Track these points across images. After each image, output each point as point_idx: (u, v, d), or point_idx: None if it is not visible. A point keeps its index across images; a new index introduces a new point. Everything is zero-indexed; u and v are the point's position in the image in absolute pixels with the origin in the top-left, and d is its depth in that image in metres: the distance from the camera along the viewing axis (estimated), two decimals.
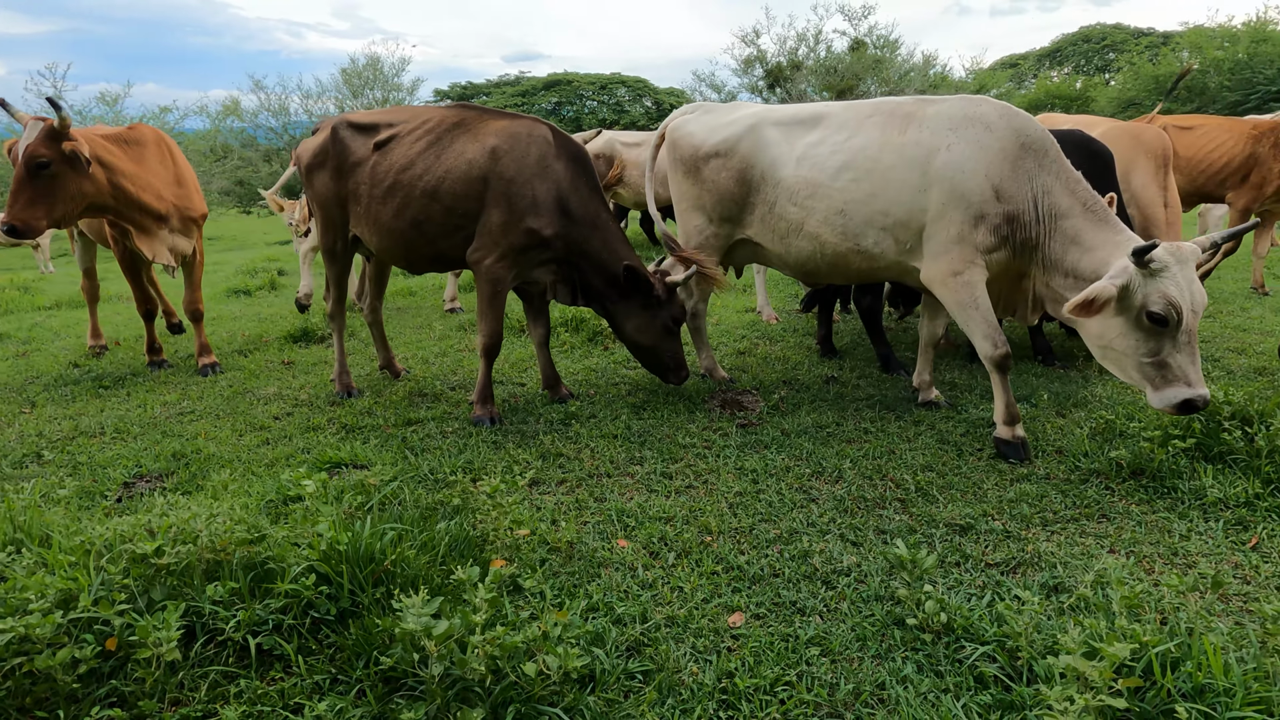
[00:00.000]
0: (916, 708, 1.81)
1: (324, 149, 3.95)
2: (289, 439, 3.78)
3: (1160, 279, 2.80)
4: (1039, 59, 57.19)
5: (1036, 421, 3.65)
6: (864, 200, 3.38)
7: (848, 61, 31.72)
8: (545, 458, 3.40)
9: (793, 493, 3.01)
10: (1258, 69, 30.33)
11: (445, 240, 3.80)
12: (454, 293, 6.80)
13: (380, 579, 2.25)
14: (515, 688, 1.79)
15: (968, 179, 3.14)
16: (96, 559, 2.26)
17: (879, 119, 3.40)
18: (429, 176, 3.70)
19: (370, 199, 3.82)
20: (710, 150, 3.83)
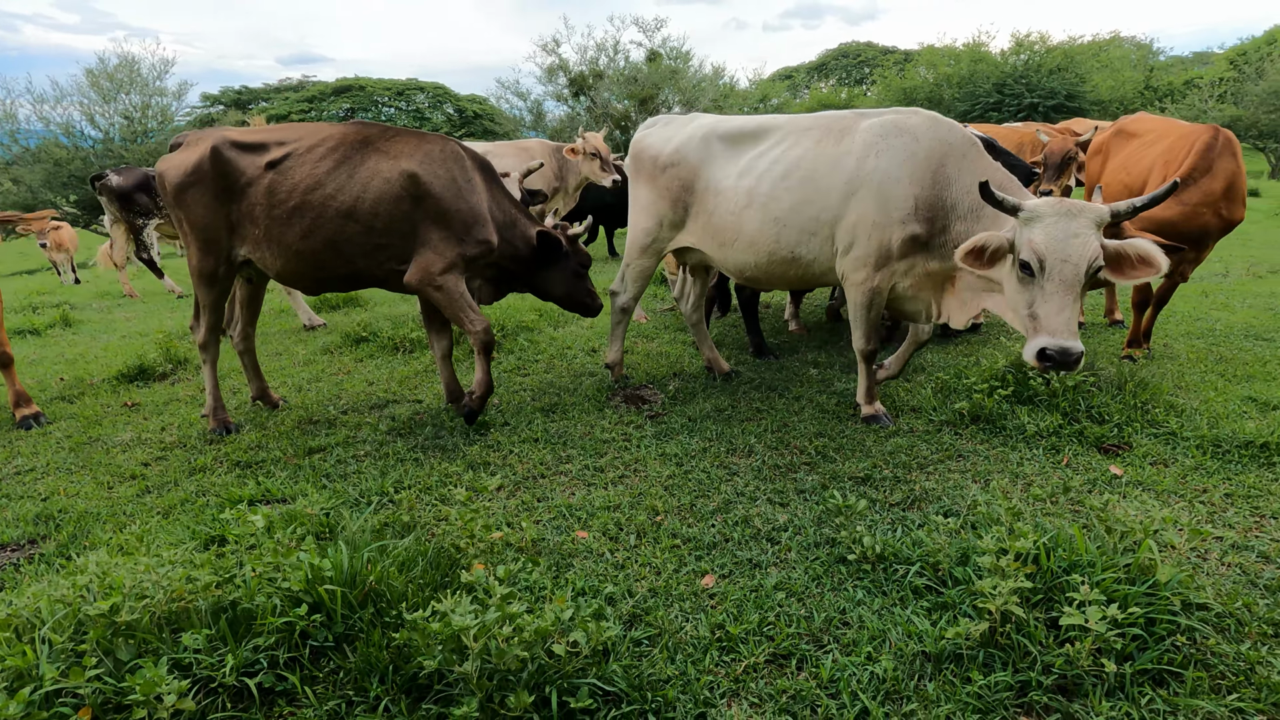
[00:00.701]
0: (875, 621, 2.21)
1: (200, 168, 3.64)
2: (174, 484, 3.46)
3: (1031, 227, 2.85)
4: (809, 71, 63.84)
5: (890, 387, 4.33)
6: (797, 208, 3.61)
7: (646, 72, 33.23)
8: (474, 468, 3.46)
9: (716, 469, 3.35)
10: (978, 83, 36.32)
11: (365, 259, 3.72)
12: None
13: (366, 599, 2.25)
14: (547, 669, 1.93)
15: (892, 186, 3.33)
16: (30, 631, 2.04)
17: (817, 132, 3.67)
18: (343, 196, 3.59)
19: (271, 220, 3.62)
20: (666, 160, 4.09)
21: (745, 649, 2.14)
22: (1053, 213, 2.81)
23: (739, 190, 3.80)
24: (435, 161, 3.70)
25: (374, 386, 4.80)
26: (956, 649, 2.03)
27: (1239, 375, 4.31)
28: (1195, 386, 4.13)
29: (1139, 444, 3.41)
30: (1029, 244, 2.82)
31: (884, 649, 2.10)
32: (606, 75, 33.43)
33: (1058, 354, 2.76)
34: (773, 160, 3.71)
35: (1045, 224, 2.80)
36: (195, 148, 3.74)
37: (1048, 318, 2.79)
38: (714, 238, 3.97)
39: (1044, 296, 2.80)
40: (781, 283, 3.96)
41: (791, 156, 3.66)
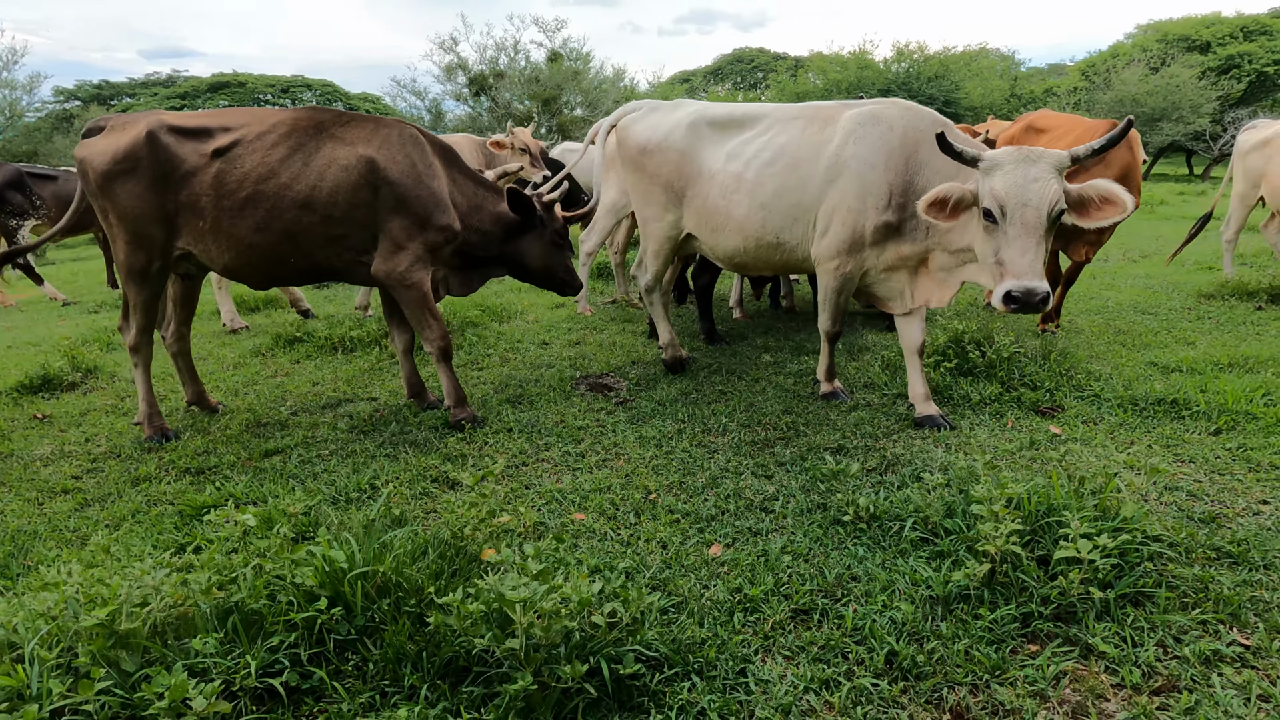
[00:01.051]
0: (882, 573, 2.35)
1: (133, 155, 3.35)
2: (117, 496, 3.19)
3: (991, 176, 2.90)
4: (706, 75, 65.37)
5: (842, 365, 4.55)
6: (781, 194, 3.66)
7: (548, 72, 33.01)
8: (451, 460, 3.38)
9: (696, 449, 3.43)
10: (865, 89, 38.46)
11: (323, 251, 3.55)
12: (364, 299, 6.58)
13: (383, 590, 2.18)
14: (590, 640, 1.94)
15: (868, 172, 3.41)
16: (7, 651, 1.85)
17: (802, 120, 3.73)
18: (299, 185, 3.40)
19: (220, 211, 3.38)
20: (655, 146, 4.05)
21: (767, 608, 2.22)
22: (1012, 160, 2.86)
23: (727, 175, 3.84)
24: (393, 146, 3.58)
25: (320, 387, 4.58)
26: (963, 590, 2.19)
27: (1137, 344, 4.82)
28: (1103, 355, 4.59)
29: (1070, 406, 3.76)
30: (990, 192, 2.88)
31: (895, 597, 2.24)
32: (508, 75, 32.96)
33: (1022, 294, 2.80)
34: (760, 147, 3.77)
35: (1004, 171, 2.85)
36: (124, 132, 3.45)
37: (1012, 261, 2.83)
38: (706, 223, 3.99)
39: (1007, 241, 2.85)
40: (768, 268, 4.02)
41: (777, 143, 3.72)
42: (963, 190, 2.98)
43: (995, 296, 2.88)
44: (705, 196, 3.95)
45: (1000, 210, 2.87)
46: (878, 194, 3.40)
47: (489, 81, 32.69)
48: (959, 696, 1.87)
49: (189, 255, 3.61)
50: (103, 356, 5.28)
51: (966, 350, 4.20)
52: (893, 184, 3.39)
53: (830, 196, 3.53)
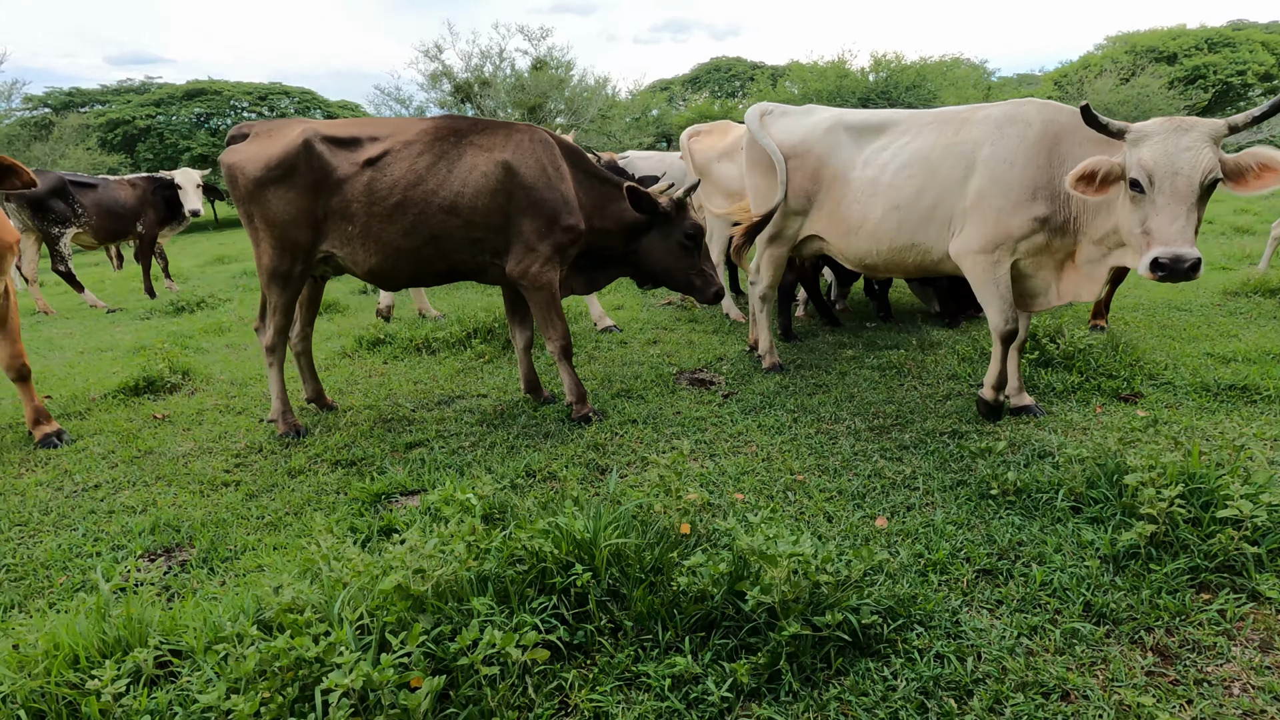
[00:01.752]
0: (1048, 538, 2.60)
1: (289, 163, 3.51)
2: (280, 486, 3.34)
3: (1139, 147, 2.92)
4: (684, 84, 65.95)
5: (919, 360, 4.83)
6: (917, 196, 3.74)
7: (533, 80, 33.13)
8: (594, 448, 3.58)
9: (817, 435, 3.67)
10: (845, 98, 39.28)
11: (461, 254, 3.73)
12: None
13: (619, 557, 2.37)
14: (828, 594, 2.15)
15: (1006, 171, 3.46)
16: (309, 612, 2.02)
17: (937, 125, 3.82)
18: (445, 191, 3.58)
19: (370, 217, 3.55)
20: (787, 151, 4.19)
21: (953, 570, 2.46)
22: (1162, 130, 2.87)
23: (864, 180, 3.97)
24: (525, 151, 3.77)
25: (422, 385, 4.74)
26: (1131, 549, 2.45)
27: (1184, 337, 5.17)
28: (1159, 347, 4.92)
29: (1147, 393, 4.07)
30: (1138, 162, 2.89)
31: (1067, 558, 2.49)
32: (493, 83, 33.04)
33: (1170, 261, 2.80)
34: (895, 151, 3.90)
35: (1154, 141, 2.86)
36: (275, 140, 3.61)
37: (1160, 229, 2.84)
38: (838, 226, 4.12)
39: (1155, 210, 2.86)
40: (899, 270, 4.11)
41: (913, 148, 3.85)
42: (1110, 163, 2.99)
43: (1141, 265, 2.90)
44: (839, 200, 4.09)
45: (1149, 179, 2.87)
46: (1019, 191, 3.46)
47: (475, 89, 32.77)
48: (1156, 637, 2.12)
49: (329, 258, 3.77)
50: (195, 359, 5.38)
51: (1043, 343, 4.49)
52: (1035, 179, 3.45)
53: (970, 197, 3.62)
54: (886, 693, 1.94)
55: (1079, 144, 3.35)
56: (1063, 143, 3.40)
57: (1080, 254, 3.50)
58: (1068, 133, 3.41)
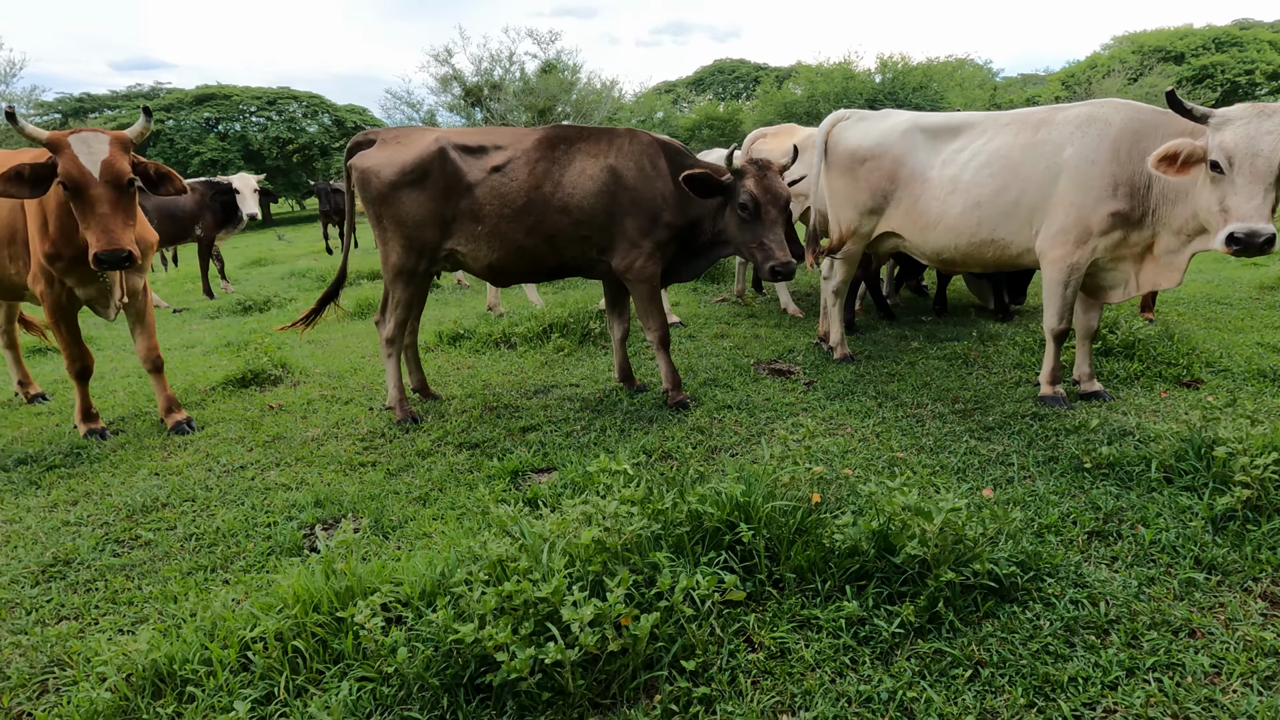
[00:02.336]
0: (1143, 504, 2.86)
1: (424, 168, 3.79)
2: (415, 467, 3.61)
3: (1221, 131, 3.10)
4: (688, 85, 66.23)
5: (981, 351, 5.09)
6: (998, 193, 3.96)
7: (544, 83, 33.41)
8: (699, 431, 3.85)
9: (904, 419, 3.93)
10: (851, 99, 39.55)
11: (571, 251, 4.02)
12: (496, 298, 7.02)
13: (769, 520, 2.63)
14: (968, 549, 2.42)
15: (1088, 168, 3.67)
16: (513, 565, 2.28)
17: (1015, 125, 4.04)
18: (560, 194, 3.88)
19: (499, 219, 3.85)
20: (866, 153, 4.46)
21: (1066, 532, 2.72)
22: (1245, 115, 3.08)
23: (943, 179, 4.22)
24: (627, 155, 4.03)
25: (513, 376, 5.01)
26: (1228, 512, 2.71)
27: (1231, 328, 5.43)
28: (1208, 338, 5.18)
29: (1206, 379, 4.33)
30: (1220, 145, 3.10)
31: (1169, 521, 2.75)
32: (504, 87, 33.33)
33: (1245, 235, 3.00)
34: (974, 151, 4.15)
35: (1236, 125, 3.08)
36: (409, 146, 3.89)
37: (1237, 206, 3.05)
38: (915, 223, 4.38)
39: (1234, 190, 3.07)
40: (977, 265, 4.34)
41: (992, 148, 4.10)
42: (1192, 145, 3.19)
43: (1218, 240, 3.13)
44: (917, 198, 4.34)
45: (1229, 161, 3.08)
46: (1101, 186, 3.68)
47: (484, 93, 33.07)
48: (1264, 586, 2.38)
49: (451, 256, 4.04)
50: (292, 353, 5.65)
51: (1104, 334, 4.76)
52: (1117, 175, 3.64)
53: (1052, 194, 3.85)
54: (1034, 630, 2.20)
55: (1159, 139, 3.56)
56: (1143, 140, 3.63)
57: (1159, 244, 3.73)
58: (1148, 130, 3.64)
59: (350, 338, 6.51)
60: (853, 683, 2.04)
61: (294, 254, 16.68)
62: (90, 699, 1.97)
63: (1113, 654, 2.08)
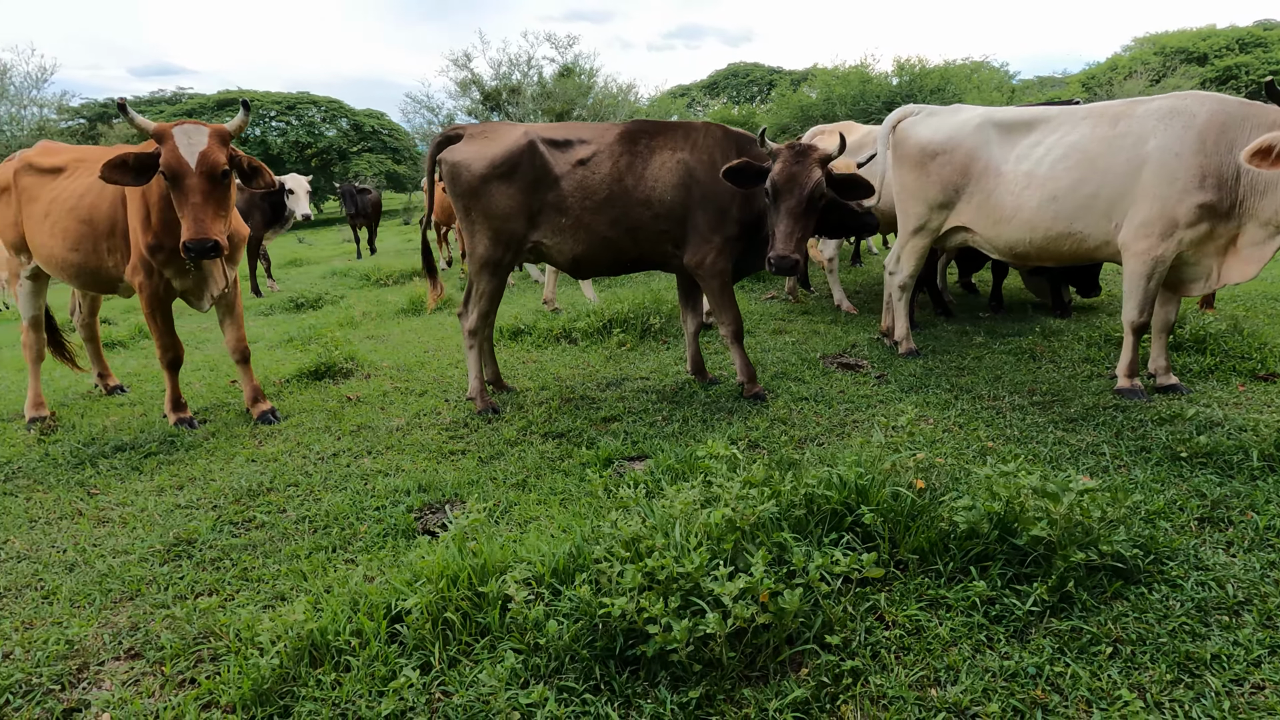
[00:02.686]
0: (1249, 491, 2.87)
1: (513, 161, 3.86)
2: (505, 454, 3.67)
3: None
4: (702, 89, 66.32)
5: (1047, 345, 5.10)
6: (1075, 186, 3.98)
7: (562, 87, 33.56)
8: (781, 422, 3.89)
9: (984, 410, 3.95)
10: (869, 102, 39.49)
11: (650, 244, 4.08)
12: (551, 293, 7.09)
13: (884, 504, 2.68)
14: (1079, 533, 2.44)
15: (1172, 161, 3.69)
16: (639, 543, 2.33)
17: (1091, 120, 4.06)
18: (641, 187, 3.94)
19: (582, 210, 3.92)
20: (936, 147, 4.50)
21: (1174, 517, 2.74)
22: None
23: (1018, 173, 4.25)
24: (700, 148, 4.07)
25: (581, 370, 5.07)
26: None
27: None
28: (1272, 333, 5.16)
29: None
30: None
31: (1278, 505, 2.76)
32: (523, 91, 33.52)
33: None
34: (1050, 145, 4.17)
35: None
36: (498, 140, 3.96)
37: None
38: (988, 217, 4.41)
39: None
40: (1051, 258, 4.37)
41: (1068, 141, 4.12)
42: None
43: None
44: (989, 192, 4.38)
45: None
46: (1187, 178, 3.69)
47: (503, 97, 33.28)
48: None
49: (535, 247, 4.11)
50: (359, 347, 5.75)
51: (1173, 328, 4.75)
52: (1204, 166, 3.65)
53: (1135, 187, 3.86)
54: (1166, 610, 2.23)
55: (1248, 130, 3.58)
56: (1229, 130, 3.63)
57: (1244, 237, 3.74)
58: (1235, 121, 3.64)
59: (408, 333, 6.61)
60: (994, 658, 2.07)
61: (324, 255, 16.87)
62: (256, 665, 2.03)
63: (1250, 633, 2.10)
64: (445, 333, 6.49)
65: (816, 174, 3.77)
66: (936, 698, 1.94)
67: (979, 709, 1.90)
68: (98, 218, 4.02)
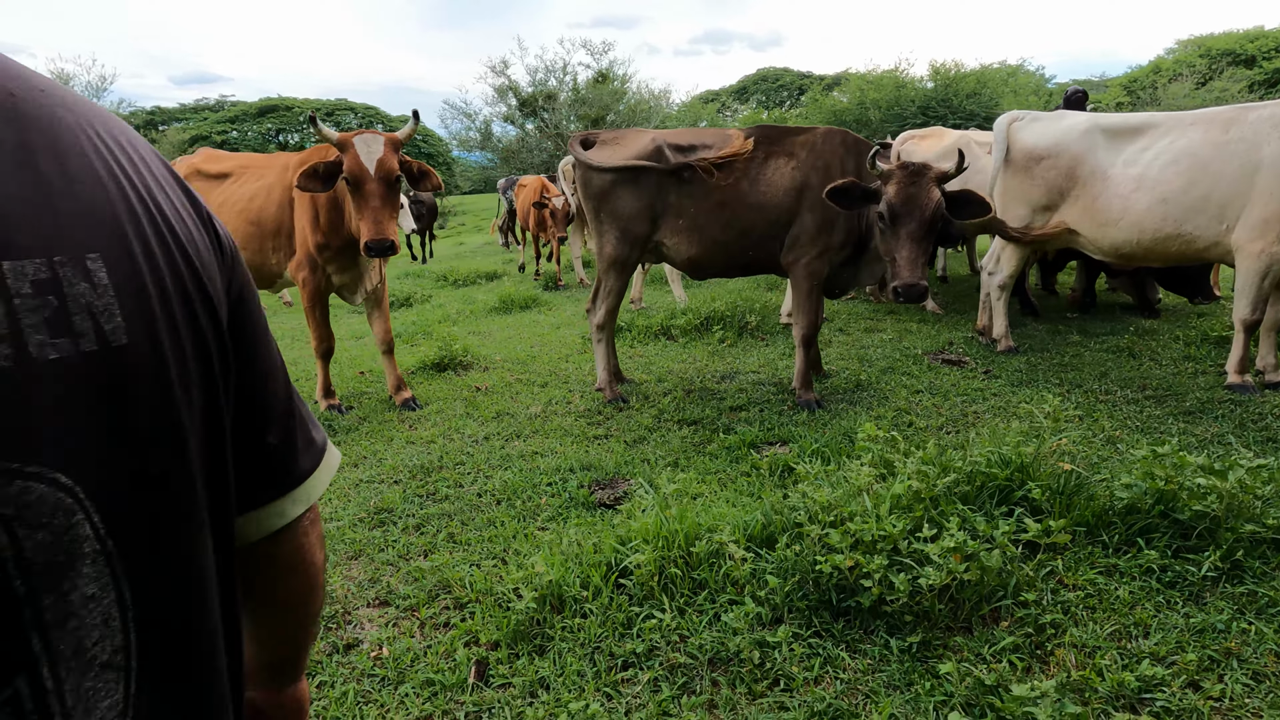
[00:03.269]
0: None
1: (637, 165, 4.14)
2: (645, 440, 3.92)
3: None
4: (731, 94, 66.45)
5: (1144, 345, 5.23)
6: (1186, 189, 4.17)
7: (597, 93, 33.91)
8: (904, 412, 4.09)
9: (1101, 404, 4.12)
10: (904, 106, 39.39)
11: (760, 249, 4.25)
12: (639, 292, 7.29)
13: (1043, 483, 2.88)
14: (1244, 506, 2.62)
15: None
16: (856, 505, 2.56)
17: (1200, 125, 4.26)
18: (755, 192, 4.13)
19: (699, 213, 4.15)
20: (1043, 151, 4.72)
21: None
22: None
23: (1126, 176, 4.44)
24: (819, 153, 4.24)
25: (689, 364, 5.32)
26: None
27: None
28: None
29: None
30: None
31: None
32: (559, 97, 33.95)
33: None
34: (1159, 150, 4.35)
35: None
36: (627, 145, 4.23)
37: None
38: (1094, 219, 4.59)
39: None
40: (1158, 259, 4.54)
41: (1179, 146, 4.30)
42: None
43: None
44: (1096, 195, 4.57)
45: None
46: None
47: (539, 103, 33.74)
48: None
49: (656, 248, 4.37)
50: (468, 340, 6.06)
51: None
52: None
53: (1250, 190, 4.03)
54: None
55: None
56: None
57: None
58: None
59: (506, 329, 6.91)
60: (1177, 617, 2.26)
61: None
62: (512, 609, 2.30)
63: None
64: (542, 330, 6.78)
65: (936, 195, 3.78)
66: (1134, 649, 2.14)
67: (1176, 658, 2.09)
68: (265, 219, 4.36)
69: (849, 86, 43.69)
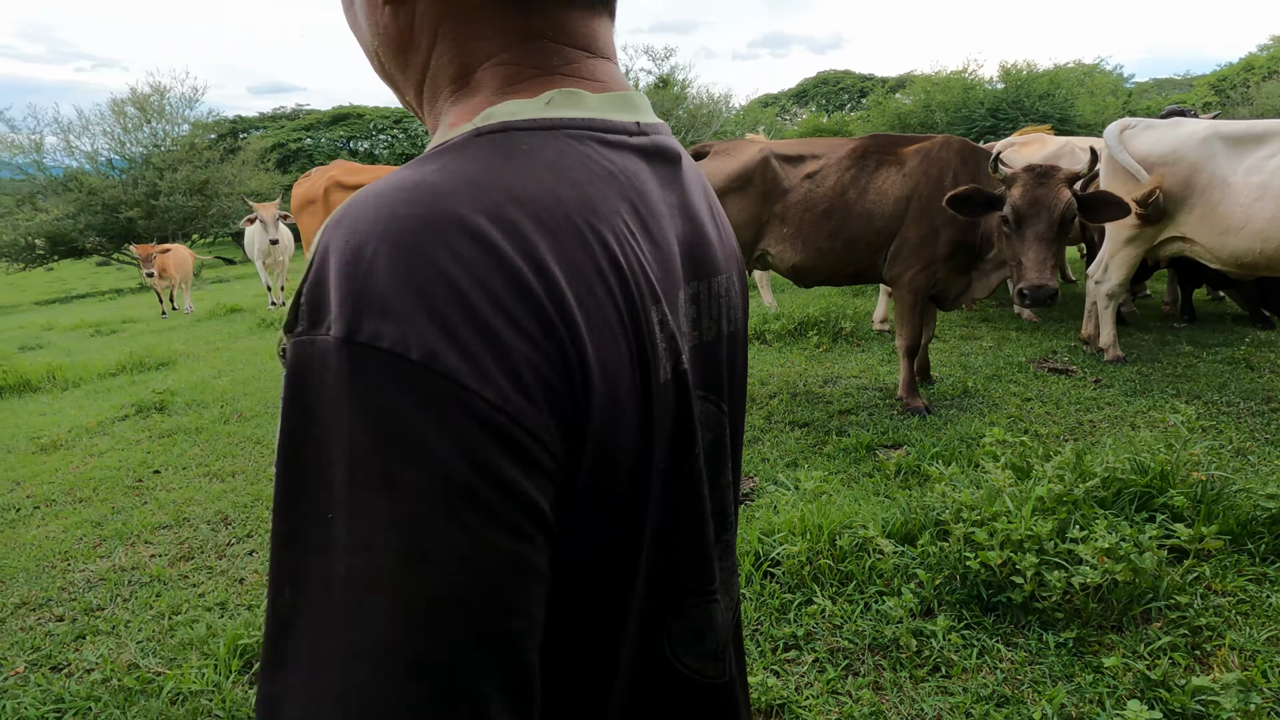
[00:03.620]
0: None
1: (747, 175, 4.31)
2: (762, 441, 4.06)
3: None
4: (791, 98, 65.85)
5: (1259, 352, 5.10)
6: None
7: (657, 98, 34.12)
8: (1017, 419, 4.13)
9: (1224, 416, 4.06)
10: (972, 109, 38.26)
11: (867, 258, 4.32)
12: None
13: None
14: None
15: None
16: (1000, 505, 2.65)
17: None
18: (862, 202, 4.21)
19: (803, 222, 4.28)
20: (1158, 159, 4.71)
21: None
22: None
23: (1249, 185, 4.39)
24: (930, 162, 4.26)
25: (790, 369, 5.43)
26: None
27: None
28: None
29: None
30: None
31: None
32: None
33: None
34: None
35: None
36: (737, 156, 4.40)
37: None
38: (1213, 227, 4.54)
39: None
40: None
41: None
42: None
43: None
44: (1216, 204, 4.51)
45: None
46: None
47: None
48: None
49: (762, 256, 4.51)
50: None
51: None
52: None
53: None
54: None
55: None
56: None
57: None
58: None
59: None
60: None
61: None
62: None
63: None
64: None
65: (1066, 195, 3.74)
66: None
67: None
68: None
69: (914, 89, 43.03)
